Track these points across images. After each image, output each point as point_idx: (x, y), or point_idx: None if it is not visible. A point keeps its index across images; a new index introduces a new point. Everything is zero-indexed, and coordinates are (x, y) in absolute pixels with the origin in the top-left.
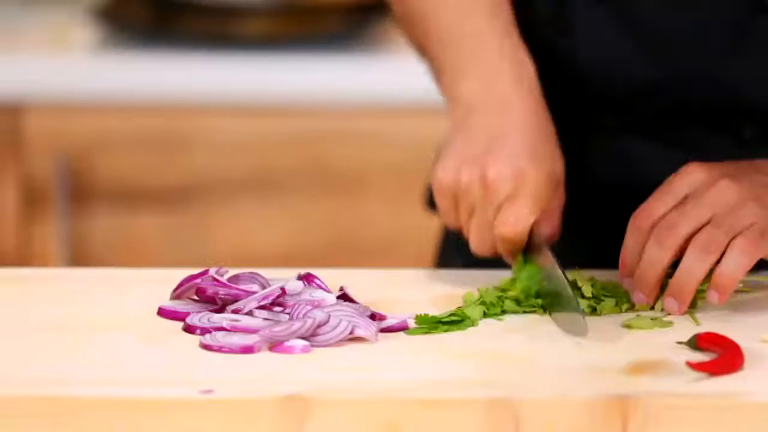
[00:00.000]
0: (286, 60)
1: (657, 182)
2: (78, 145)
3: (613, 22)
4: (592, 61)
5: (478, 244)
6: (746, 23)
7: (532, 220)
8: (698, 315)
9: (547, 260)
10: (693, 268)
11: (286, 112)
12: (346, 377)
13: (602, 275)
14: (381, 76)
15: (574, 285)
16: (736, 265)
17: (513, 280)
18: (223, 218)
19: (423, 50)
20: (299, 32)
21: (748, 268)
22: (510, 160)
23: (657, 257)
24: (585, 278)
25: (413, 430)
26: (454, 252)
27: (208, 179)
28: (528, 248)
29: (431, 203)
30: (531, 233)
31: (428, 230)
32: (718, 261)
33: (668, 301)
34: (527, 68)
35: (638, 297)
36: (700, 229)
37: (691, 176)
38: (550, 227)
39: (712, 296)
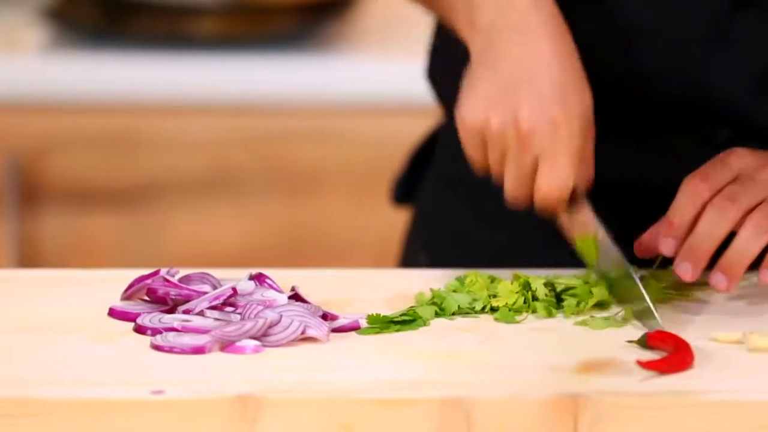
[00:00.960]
0: (239, 59)
1: (626, 182)
2: (29, 146)
3: (591, 17)
4: None
5: (514, 195)
6: (725, 19)
7: (572, 177)
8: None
9: (598, 231)
10: (748, 245)
11: (239, 111)
12: (298, 377)
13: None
14: (335, 75)
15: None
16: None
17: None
18: (178, 218)
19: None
20: (252, 31)
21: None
22: (541, 102)
23: (716, 228)
24: (542, 279)
25: (365, 430)
26: (419, 249)
27: (161, 179)
28: (569, 202)
29: (398, 197)
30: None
31: (385, 230)
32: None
33: (716, 277)
34: None
35: (684, 268)
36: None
37: (741, 156)
38: (586, 170)
39: (720, 280)
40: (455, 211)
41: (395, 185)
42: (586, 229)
